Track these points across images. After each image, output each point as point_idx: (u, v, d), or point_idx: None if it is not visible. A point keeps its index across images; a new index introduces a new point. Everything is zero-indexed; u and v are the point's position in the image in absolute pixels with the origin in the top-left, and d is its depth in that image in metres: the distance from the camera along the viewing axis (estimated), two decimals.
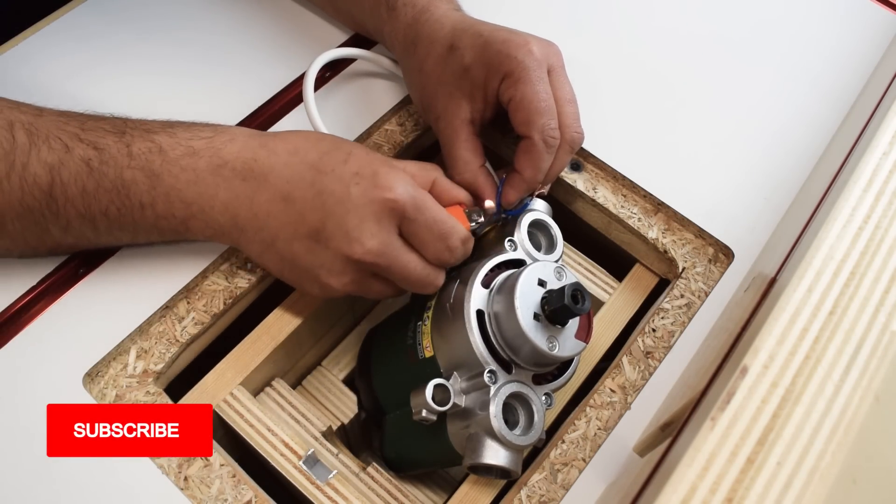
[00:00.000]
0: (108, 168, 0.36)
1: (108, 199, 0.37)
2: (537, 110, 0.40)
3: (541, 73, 0.40)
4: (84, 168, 0.36)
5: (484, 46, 0.41)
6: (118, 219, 0.38)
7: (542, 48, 0.41)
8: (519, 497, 0.37)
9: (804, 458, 0.23)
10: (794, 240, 0.37)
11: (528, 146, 0.41)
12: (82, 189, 0.36)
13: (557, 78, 0.42)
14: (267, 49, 0.52)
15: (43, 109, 0.37)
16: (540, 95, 0.40)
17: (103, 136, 0.37)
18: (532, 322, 0.35)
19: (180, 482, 0.36)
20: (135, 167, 0.37)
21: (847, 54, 0.55)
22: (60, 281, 0.41)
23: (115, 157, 0.36)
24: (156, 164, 0.37)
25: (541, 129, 0.40)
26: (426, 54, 0.44)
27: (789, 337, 0.26)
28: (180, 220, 0.38)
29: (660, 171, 0.48)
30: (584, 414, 0.40)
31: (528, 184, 0.41)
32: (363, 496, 0.39)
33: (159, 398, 0.39)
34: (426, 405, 0.35)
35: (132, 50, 0.51)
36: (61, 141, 0.36)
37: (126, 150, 0.37)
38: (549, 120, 0.40)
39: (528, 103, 0.40)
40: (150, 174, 0.37)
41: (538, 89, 0.40)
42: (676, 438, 0.30)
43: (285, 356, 0.44)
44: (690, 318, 0.43)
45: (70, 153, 0.36)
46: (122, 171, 0.36)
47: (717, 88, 0.53)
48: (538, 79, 0.40)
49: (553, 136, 0.40)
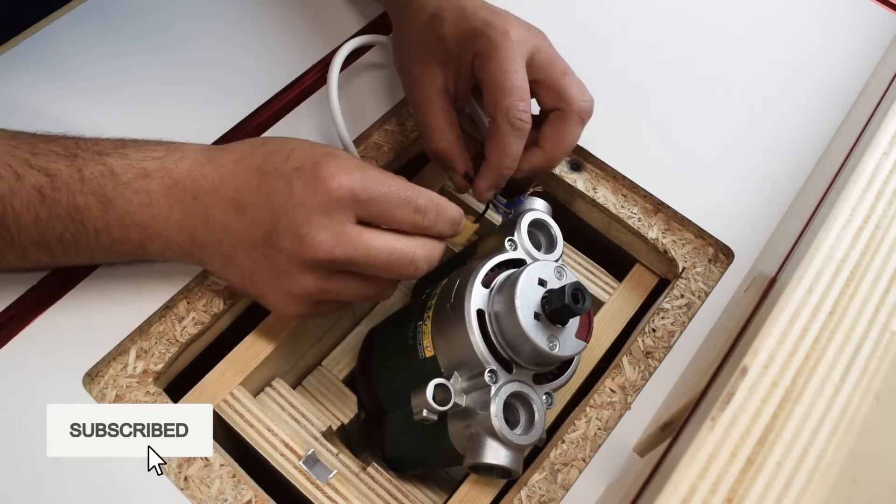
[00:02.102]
0: (60, 195, 0.35)
1: (63, 227, 0.36)
2: (503, 90, 0.39)
3: (513, 53, 0.39)
4: (36, 196, 0.35)
5: (462, 20, 0.41)
6: (74, 245, 0.37)
7: (522, 31, 0.41)
8: (519, 497, 0.37)
9: (804, 458, 0.23)
10: (794, 240, 0.37)
11: (494, 129, 0.40)
12: (35, 217, 0.35)
13: (547, 56, 0.41)
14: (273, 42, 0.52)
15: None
16: (508, 75, 0.39)
17: (54, 161, 0.36)
18: (532, 321, 0.35)
19: (180, 482, 0.36)
20: (87, 192, 0.36)
21: (847, 54, 0.55)
22: (60, 281, 0.41)
23: (67, 182, 0.35)
24: (108, 188, 0.36)
25: (505, 110, 0.39)
26: (412, 18, 0.44)
27: (789, 337, 0.26)
28: (137, 244, 0.37)
29: (660, 171, 0.48)
30: (584, 414, 0.40)
31: (495, 169, 0.40)
32: (363, 496, 0.39)
33: (159, 398, 0.39)
34: (427, 405, 0.35)
35: (133, 50, 0.51)
36: (11, 168, 0.35)
37: (78, 174, 0.36)
38: (515, 101, 0.39)
39: (496, 82, 0.39)
40: (102, 199, 0.36)
41: (507, 68, 0.39)
42: (676, 438, 0.30)
43: (285, 356, 0.44)
44: (690, 318, 0.43)
45: (21, 181, 0.35)
46: (74, 196, 0.36)
47: (717, 88, 0.53)
48: (508, 59, 0.39)
49: (519, 118, 0.39)
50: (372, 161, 0.48)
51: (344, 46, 0.47)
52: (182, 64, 0.51)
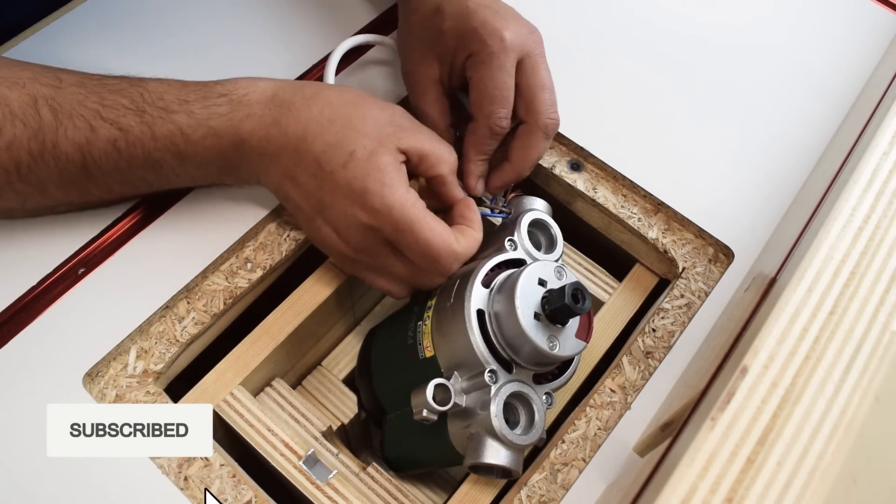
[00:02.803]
0: (135, 149, 0.38)
1: (143, 173, 0.39)
2: (489, 96, 0.41)
3: (504, 60, 0.41)
4: (111, 148, 0.38)
5: (463, 18, 0.42)
6: (157, 181, 0.41)
7: (518, 36, 0.42)
8: (519, 497, 0.37)
9: (804, 458, 0.23)
10: (794, 240, 0.37)
11: (473, 129, 0.42)
12: (115, 165, 0.38)
13: (533, 65, 0.42)
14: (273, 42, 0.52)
15: (61, 77, 0.38)
16: (495, 83, 0.41)
17: (124, 115, 0.38)
18: (532, 321, 0.35)
19: (180, 482, 0.36)
20: (161, 149, 0.38)
21: (847, 54, 0.55)
22: (60, 281, 0.41)
23: (140, 139, 0.38)
24: (180, 146, 0.38)
25: (487, 114, 0.41)
26: (416, 9, 0.45)
27: (789, 337, 0.26)
28: (215, 177, 0.42)
29: (660, 171, 0.48)
30: (584, 414, 0.40)
31: (471, 166, 0.43)
32: (363, 496, 0.39)
33: (159, 398, 0.39)
34: (427, 405, 0.35)
35: (133, 50, 0.51)
36: (84, 119, 0.37)
37: (149, 132, 0.38)
38: (498, 108, 0.41)
39: (483, 87, 0.41)
40: (177, 154, 0.39)
41: (495, 76, 0.41)
42: (676, 438, 0.30)
43: (285, 356, 0.44)
44: (690, 318, 0.43)
45: (95, 133, 0.37)
46: (150, 152, 0.38)
47: (717, 88, 0.53)
48: (499, 66, 0.41)
49: (499, 124, 0.41)
50: None
51: (339, 47, 0.48)
52: (182, 63, 0.51)
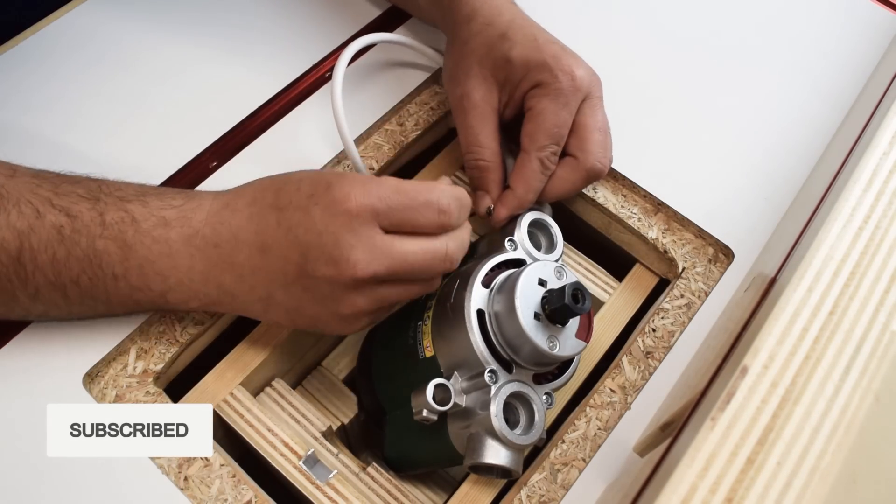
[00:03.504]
0: (79, 237, 0.35)
1: (80, 269, 0.35)
2: (546, 130, 0.40)
3: (571, 99, 0.41)
4: (55, 235, 0.35)
5: (534, 49, 0.41)
6: (90, 289, 0.36)
7: (586, 77, 0.41)
8: (519, 497, 0.37)
9: (804, 458, 0.23)
10: (794, 240, 0.37)
11: (524, 161, 0.41)
12: (52, 257, 0.35)
13: (592, 106, 0.42)
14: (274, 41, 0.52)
15: (16, 169, 0.36)
16: (558, 119, 0.40)
17: (76, 203, 0.35)
18: (532, 321, 0.35)
19: (180, 482, 0.36)
20: (107, 237, 0.35)
21: (847, 54, 0.55)
22: None
23: (88, 225, 0.35)
24: (128, 234, 0.36)
25: (540, 148, 0.40)
26: (478, 32, 0.44)
27: (789, 337, 0.26)
28: (158, 293, 0.37)
29: (660, 171, 0.48)
30: (584, 414, 0.40)
31: (518, 201, 0.41)
32: (363, 496, 0.39)
33: (159, 398, 0.39)
34: (427, 405, 0.35)
35: (133, 49, 0.51)
36: (32, 205, 0.35)
37: (99, 218, 0.35)
38: (551, 144, 0.41)
39: (542, 120, 0.40)
40: (122, 245, 0.36)
41: (559, 112, 0.40)
42: (676, 438, 0.30)
43: (285, 356, 0.44)
44: (690, 318, 0.43)
45: (41, 219, 0.35)
46: (94, 240, 0.35)
47: (717, 88, 0.53)
48: (564, 103, 0.40)
49: (550, 160, 0.41)
50: (371, 161, 0.48)
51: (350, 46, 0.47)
52: (183, 62, 0.51)
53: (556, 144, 0.41)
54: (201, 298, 0.37)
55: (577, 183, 0.42)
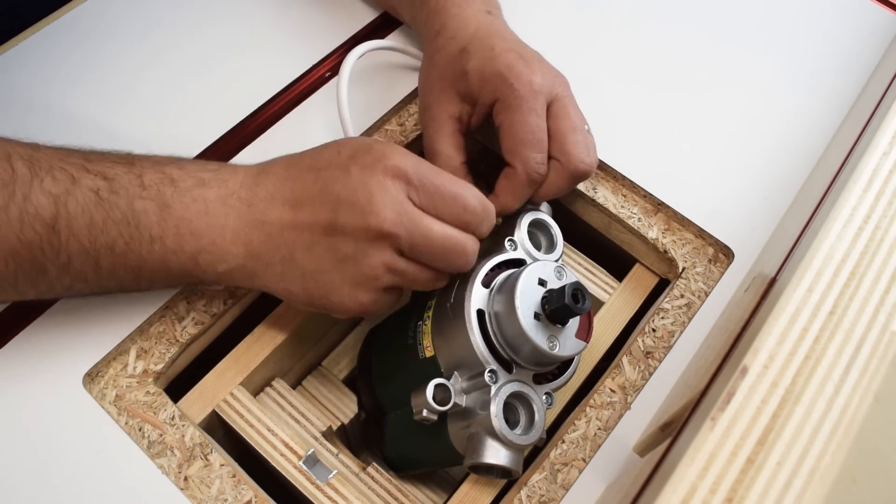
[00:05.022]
0: (118, 198, 0.35)
1: (117, 232, 0.35)
2: (523, 141, 0.40)
3: (534, 104, 0.40)
4: (93, 198, 0.35)
5: (489, 60, 0.41)
6: (124, 255, 0.36)
7: (546, 80, 0.41)
8: (519, 497, 0.37)
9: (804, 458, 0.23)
10: (794, 240, 0.37)
11: (510, 174, 0.41)
12: (89, 221, 0.34)
13: (562, 107, 0.41)
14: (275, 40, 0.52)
15: (39, 145, 0.36)
16: (528, 127, 0.40)
17: (112, 167, 0.36)
18: (532, 321, 0.35)
19: (180, 482, 0.36)
20: (147, 197, 0.36)
21: (847, 54, 0.55)
22: None
23: (127, 186, 0.35)
24: (167, 194, 0.36)
25: (524, 160, 0.40)
26: (442, 47, 0.44)
27: (789, 337, 0.26)
28: (189, 255, 0.37)
29: (660, 171, 0.48)
30: (584, 414, 0.40)
31: (501, 209, 0.41)
32: (363, 496, 0.39)
33: (159, 398, 0.39)
34: (427, 405, 0.35)
35: (134, 48, 0.51)
36: (67, 172, 0.35)
37: (138, 180, 0.36)
38: (534, 153, 0.40)
39: (515, 133, 0.40)
40: (161, 205, 0.36)
41: (528, 120, 0.40)
42: (676, 438, 0.30)
43: (285, 356, 0.44)
44: (690, 318, 0.43)
45: (77, 183, 0.34)
46: (133, 200, 0.35)
47: (716, 88, 0.53)
48: (529, 109, 0.40)
49: (538, 170, 0.40)
50: None
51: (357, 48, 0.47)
52: (183, 62, 0.51)
53: (540, 152, 0.40)
54: (229, 261, 0.37)
55: (564, 185, 0.42)
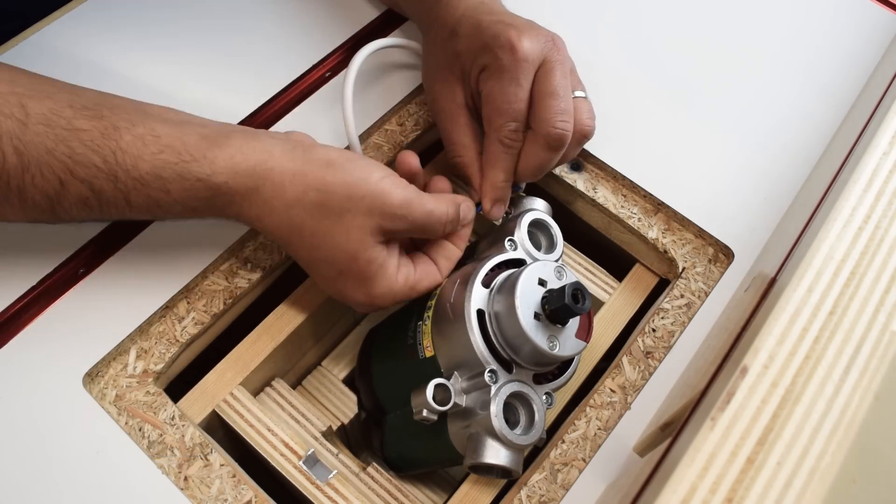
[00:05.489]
0: (109, 208, 0.36)
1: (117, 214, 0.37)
2: (497, 109, 0.40)
3: (517, 73, 0.39)
4: (83, 206, 0.36)
5: (476, 35, 0.41)
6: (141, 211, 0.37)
7: (534, 46, 0.40)
8: (519, 497, 0.37)
9: (804, 458, 0.23)
10: (794, 240, 0.37)
11: (487, 145, 0.41)
12: (87, 216, 0.37)
13: (546, 72, 0.40)
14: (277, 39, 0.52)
15: (27, 109, 0.34)
16: (506, 96, 0.40)
17: (96, 177, 0.35)
18: (532, 321, 0.35)
19: (180, 482, 0.36)
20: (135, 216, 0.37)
21: (847, 54, 0.55)
22: (60, 281, 0.41)
23: (115, 203, 0.36)
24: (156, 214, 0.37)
25: (497, 128, 0.40)
26: (436, 36, 0.44)
27: (789, 337, 0.26)
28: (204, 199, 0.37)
29: (660, 171, 0.48)
30: (584, 414, 0.40)
31: (492, 185, 0.42)
32: (363, 496, 0.39)
33: (159, 398, 0.39)
34: (427, 405, 0.35)
35: (134, 48, 0.51)
36: (54, 172, 0.34)
37: (124, 199, 0.36)
38: (507, 122, 0.40)
39: (492, 101, 0.40)
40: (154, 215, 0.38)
41: (505, 88, 0.39)
42: (676, 438, 0.30)
43: (285, 356, 0.44)
44: (690, 318, 0.43)
45: (65, 188, 0.35)
46: (123, 213, 0.37)
47: (716, 88, 0.53)
48: (510, 79, 0.39)
49: (510, 137, 0.40)
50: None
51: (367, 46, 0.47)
52: (183, 62, 0.51)
53: (514, 120, 0.40)
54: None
55: (542, 153, 0.41)
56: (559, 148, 0.40)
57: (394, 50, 0.52)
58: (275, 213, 0.37)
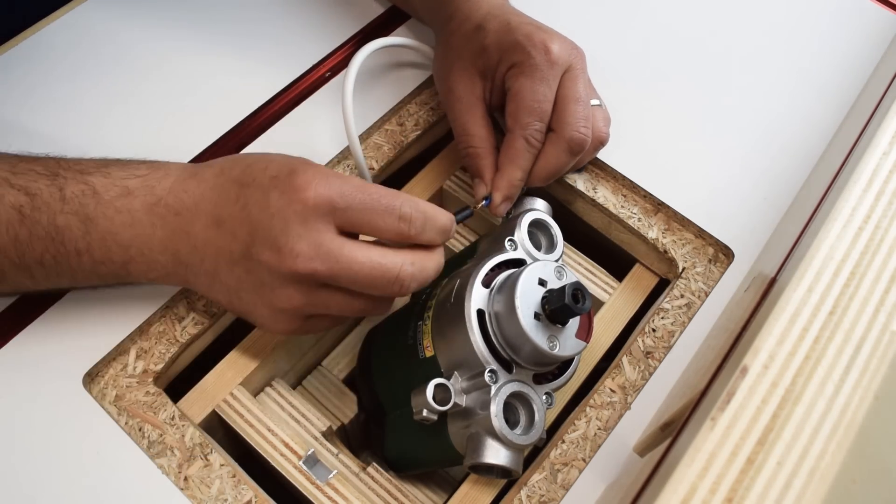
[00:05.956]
0: (40, 214, 0.34)
1: (43, 248, 0.35)
2: (527, 108, 0.40)
3: (548, 73, 0.40)
4: (16, 216, 0.34)
5: (506, 33, 0.42)
6: (54, 266, 0.36)
7: (563, 50, 0.41)
8: (519, 497, 0.37)
9: (804, 458, 0.23)
10: (794, 240, 0.37)
11: (510, 141, 0.41)
12: (14, 238, 0.34)
13: (572, 78, 0.42)
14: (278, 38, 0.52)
15: None
16: (536, 95, 0.40)
17: (35, 180, 0.35)
18: (532, 321, 0.35)
19: (180, 482, 0.36)
20: (68, 212, 0.35)
21: (847, 54, 0.55)
22: None
23: (48, 202, 0.34)
24: (90, 207, 0.35)
25: (524, 126, 0.40)
26: (457, 29, 0.45)
27: (789, 337, 0.26)
28: (119, 265, 0.36)
29: (660, 171, 0.48)
30: (584, 414, 0.40)
31: (508, 181, 0.41)
32: (363, 496, 0.39)
33: (159, 398, 0.39)
34: (427, 405, 0.35)
35: (135, 48, 0.51)
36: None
37: (59, 193, 0.35)
38: (534, 121, 0.40)
39: (522, 98, 0.40)
40: (84, 219, 0.35)
41: (537, 88, 0.40)
42: (676, 438, 0.30)
43: (285, 356, 0.44)
44: (690, 318, 0.43)
45: (1, 201, 0.34)
46: (55, 216, 0.35)
47: (717, 88, 0.53)
48: (542, 78, 0.40)
49: (535, 137, 0.40)
50: (371, 161, 0.48)
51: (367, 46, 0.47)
52: (183, 62, 0.51)
53: (540, 121, 0.40)
54: (158, 269, 0.37)
55: (562, 157, 0.41)
56: (578, 152, 0.42)
57: (394, 50, 0.52)
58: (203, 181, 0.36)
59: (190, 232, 0.36)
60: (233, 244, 0.35)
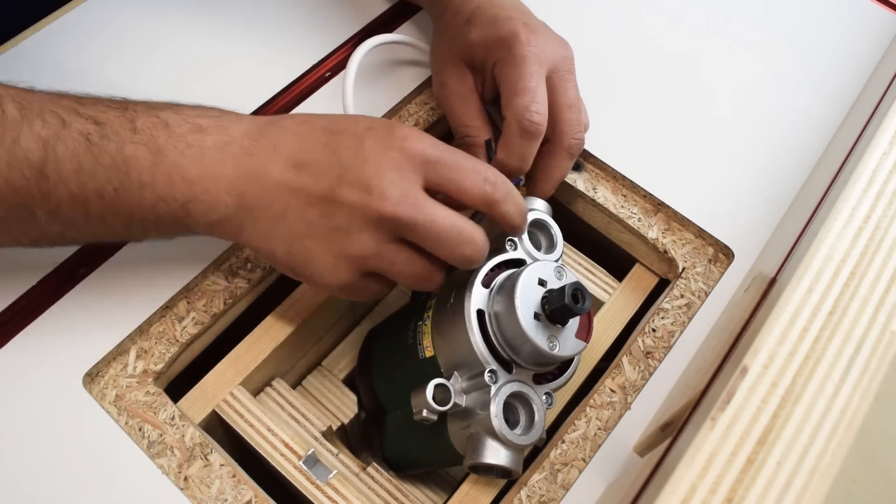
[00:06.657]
0: (108, 142, 0.34)
1: (106, 178, 0.34)
2: (514, 90, 0.40)
3: (533, 66, 0.40)
4: (83, 143, 0.33)
5: (493, 28, 0.42)
6: (114, 201, 0.34)
7: (547, 47, 0.41)
8: (519, 497, 0.37)
9: (804, 458, 0.23)
10: (794, 240, 0.37)
11: (504, 129, 0.41)
12: (78, 166, 0.33)
13: (561, 81, 0.42)
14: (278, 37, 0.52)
15: (34, 89, 0.35)
16: (523, 79, 0.40)
17: (104, 112, 0.34)
18: (532, 322, 0.35)
19: (180, 482, 0.36)
20: (138, 142, 0.34)
21: (847, 54, 0.55)
22: (60, 281, 0.41)
23: (118, 130, 0.34)
24: (160, 139, 0.35)
25: (515, 109, 0.40)
26: (449, 22, 0.45)
27: (789, 337, 0.26)
28: (181, 204, 0.35)
29: (660, 171, 0.48)
30: (584, 414, 0.40)
31: (503, 168, 0.41)
32: (363, 496, 0.39)
33: (159, 398, 0.39)
34: (427, 405, 0.35)
35: (135, 49, 0.51)
36: (57, 115, 0.33)
37: (129, 124, 0.34)
38: (528, 102, 0.39)
39: (509, 85, 0.40)
40: (153, 150, 0.34)
41: (522, 72, 0.40)
42: (676, 438, 0.30)
43: (285, 356, 0.44)
44: (690, 318, 0.43)
45: (67, 128, 0.33)
46: (123, 145, 0.34)
47: (717, 88, 0.53)
48: (525, 64, 0.40)
49: (530, 119, 0.39)
50: None
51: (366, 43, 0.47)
52: (183, 62, 0.51)
53: (535, 102, 0.40)
54: (220, 210, 0.36)
55: (564, 164, 0.42)
56: (577, 155, 0.43)
57: (393, 49, 0.52)
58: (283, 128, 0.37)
59: (263, 174, 0.35)
60: (315, 186, 0.35)
